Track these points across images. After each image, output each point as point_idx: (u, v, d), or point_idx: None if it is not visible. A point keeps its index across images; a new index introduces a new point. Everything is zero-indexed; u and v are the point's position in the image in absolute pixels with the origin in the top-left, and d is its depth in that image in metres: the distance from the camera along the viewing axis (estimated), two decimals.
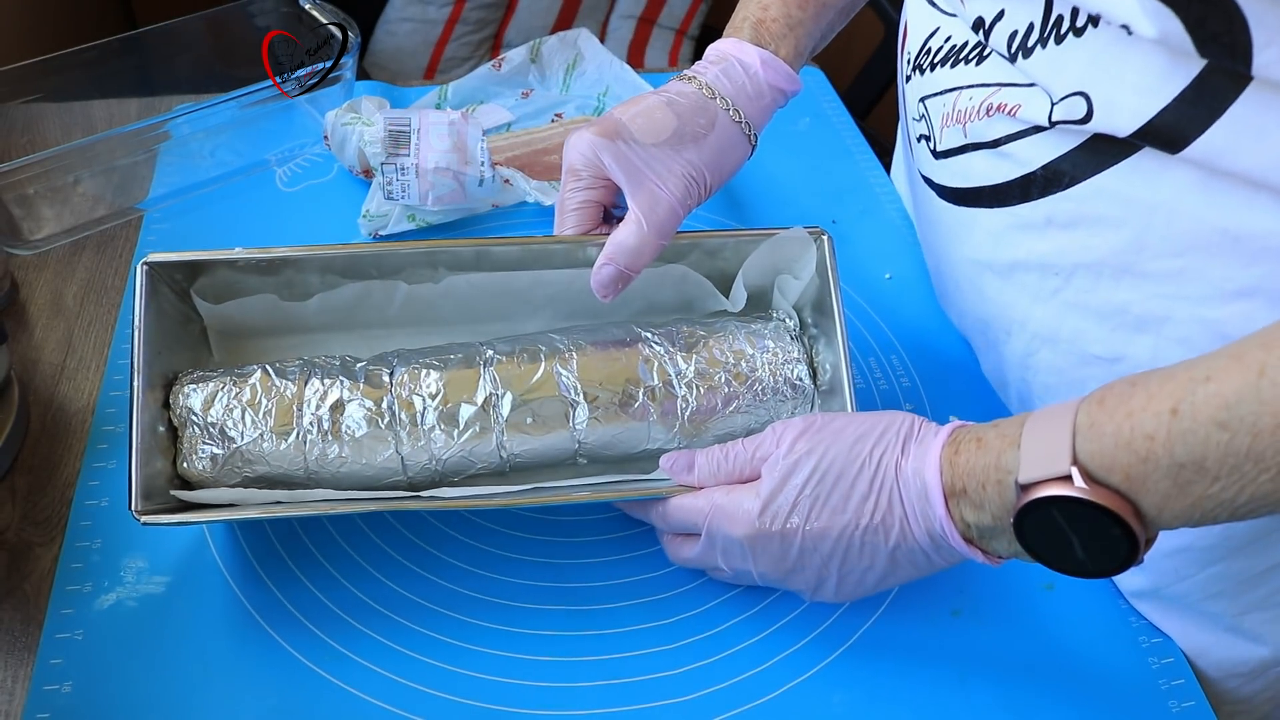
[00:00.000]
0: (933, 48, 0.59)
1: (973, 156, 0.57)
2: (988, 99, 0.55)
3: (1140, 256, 0.51)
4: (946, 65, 0.57)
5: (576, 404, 0.56)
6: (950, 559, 0.50)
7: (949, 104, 0.58)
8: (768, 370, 0.59)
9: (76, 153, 0.74)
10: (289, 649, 0.54)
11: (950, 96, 0.57)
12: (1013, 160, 0.54)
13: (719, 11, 1.73)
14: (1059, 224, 0.54)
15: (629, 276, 0.58)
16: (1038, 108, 0.52)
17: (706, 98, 0.60)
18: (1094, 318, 0.54)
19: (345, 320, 0.62)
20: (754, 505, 0.51)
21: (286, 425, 0.54)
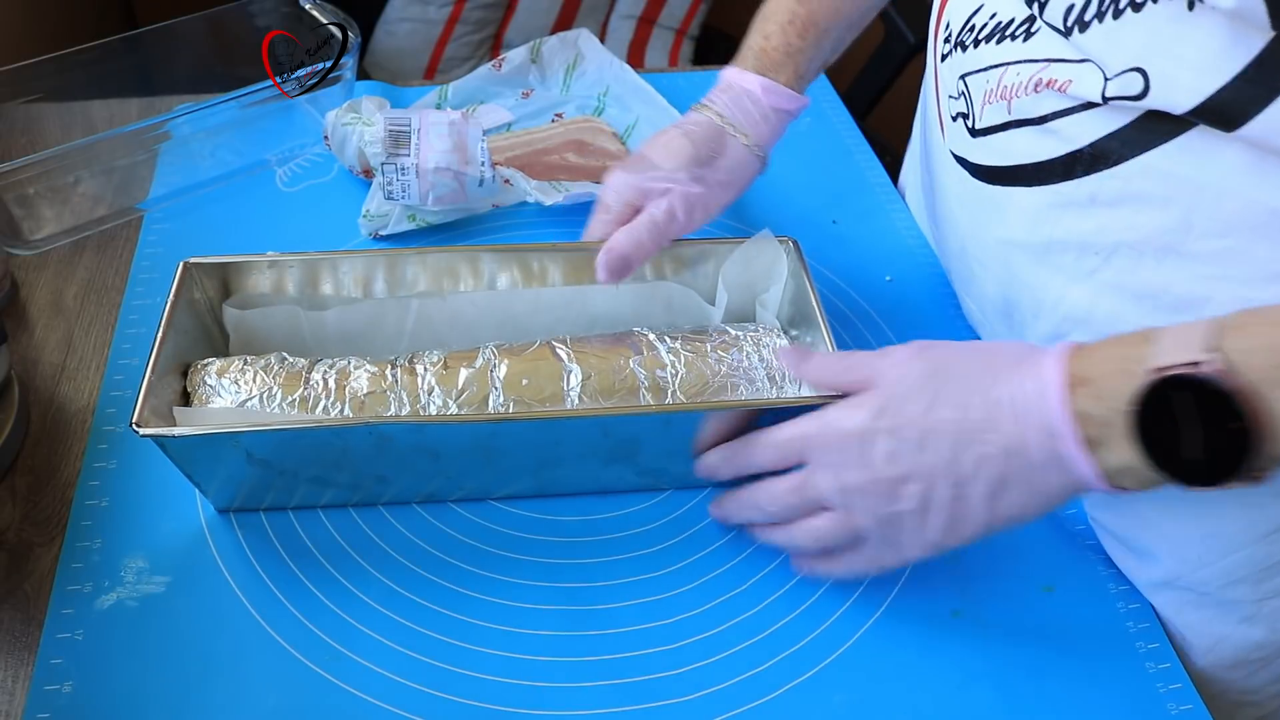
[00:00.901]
0: (977, 24, 0.59)
1: (1015, 134, 0.57)
2: (1036, 74, 0.54)
3: (1186, 236, 0.50)
4: (992, 41, 0.57)
5: (571, 370, 0.59)
6: (1061, 484, 0.47)
7: (993, 80, 0.57)
8: (752, 343, 0.62)
9: (77, 153, 0.74)
10: (289, 649, 0.54)
11: (995, 73, 0.57)
12: (1059, 137, 0.54)
13: (719, 11, 1.73)
14: (1103, 202, 0.53)
15: (625, 258, 0.61)
16: (1090, 84, 0.51)
17: (717, 124, 0.67)
18: (1131, 299, 0.54)
19: (359, 339, 0.64)
20: (870, 402, 0.50)
21: (295, 386, 0.57)
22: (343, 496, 0.60)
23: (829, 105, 0.98)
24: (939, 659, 0.56)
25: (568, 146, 0.89)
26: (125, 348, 0.69)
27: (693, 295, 0.67)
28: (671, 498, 0.63)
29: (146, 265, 0.76)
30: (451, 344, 0.62)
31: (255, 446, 0.54)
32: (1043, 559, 0.61)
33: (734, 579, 0.59)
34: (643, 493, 0.63)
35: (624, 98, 0.94)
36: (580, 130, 0.91)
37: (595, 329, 0.65)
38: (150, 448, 0.54)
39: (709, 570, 0.60)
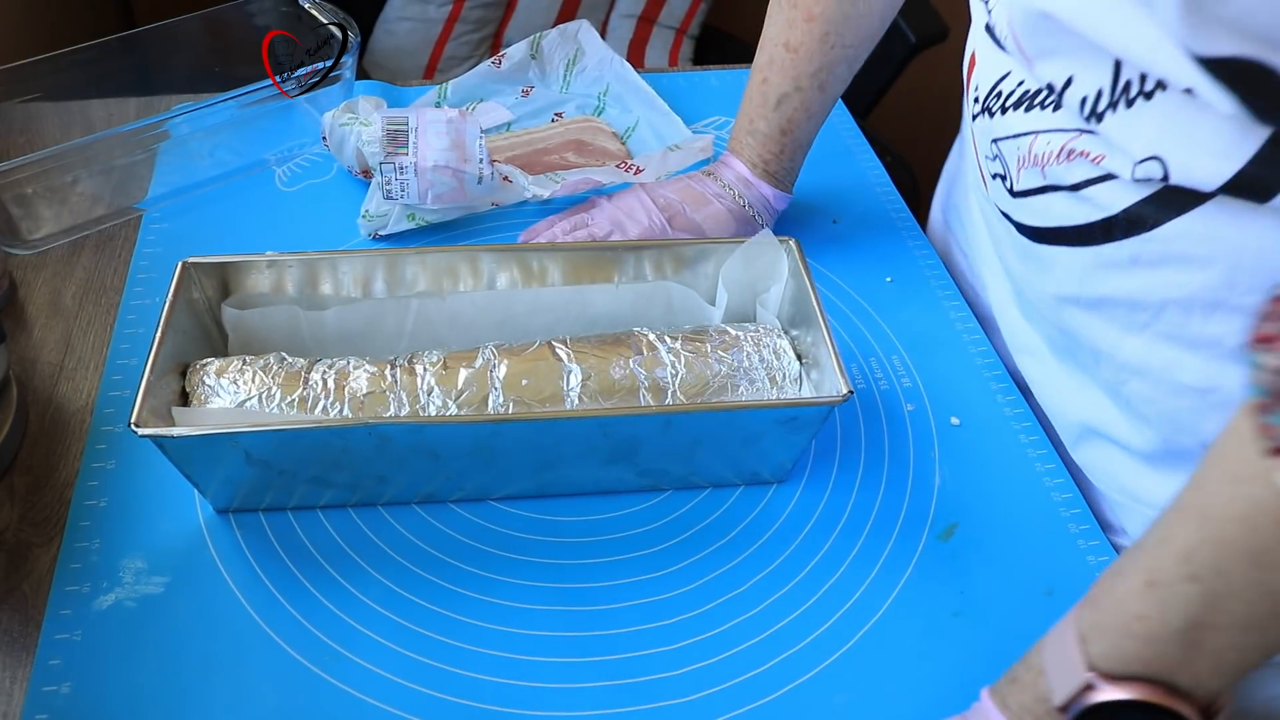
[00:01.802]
0: (1004, 91, 0.59)
1: (1052, 197, 0.57)
2: (1067, 144, 0.54)
3: (1231, 292, 0.50)
4: (1020, 110, 0.57)
5: (571, 370, 0.59)
6: None
7: (1024, 147, 0.58)
8: (752, 343, 0.62)
9: (75, 152, 0.74)
10: (288, 649, 0.54)
11: (1026, 140, 0.57)
12: (1093, 204, 0.54)
13: (719, 11, 1.72)
14: (1145, 263, 0.53)
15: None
16: (1119, 162, 0.52)
17: (720, 187, 0.77)
18: (1187, 349, 0.54)
19: (358, 339, 0.64)
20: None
21: (294, 386, 0.57)
22: (342, 497, 0.60)
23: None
24: (939, 661, 0.56)
25: (567, 146, 0.89)
26: (124, 348, 0.69)
27: (693, 295, 0.66)
28: (671, 498, 0.63)
29: (145, 265, 0.76)
30: (451, 344, 0.62)
31: (254, 447, 0.54)
32: (1043, 562, 0.61)
33: (734, 579, 0.59)
34: (642, 493, 0.63)
35: (624, 97, 0.94)
36: (580, 130, 0.91)
37: (595, 329, 0.65)
38: (149, 448, 0.54)
39: (709, 571, 0.59)
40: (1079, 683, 0.43)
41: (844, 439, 0.67)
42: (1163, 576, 0.40)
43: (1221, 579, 0.38)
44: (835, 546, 0.61)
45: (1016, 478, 0.66)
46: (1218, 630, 0.39)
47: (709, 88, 0.99)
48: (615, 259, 0.66)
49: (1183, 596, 0.39)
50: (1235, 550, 0.37)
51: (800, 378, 0.62)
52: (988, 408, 0.70)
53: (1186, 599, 0.39)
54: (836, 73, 0.73)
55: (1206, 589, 0.39)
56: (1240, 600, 0.38)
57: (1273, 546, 0.36)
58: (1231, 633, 0.39)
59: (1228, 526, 0.37)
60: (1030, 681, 0.46)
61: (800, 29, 0.71)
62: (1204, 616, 0.39)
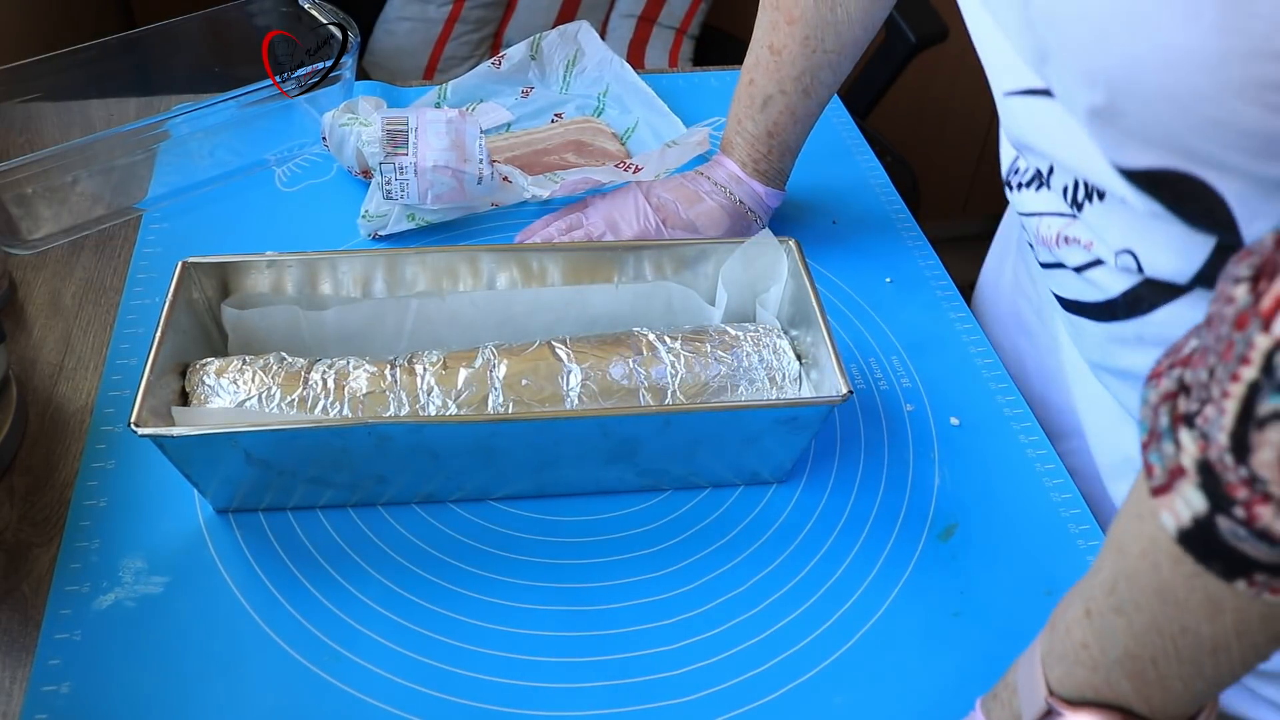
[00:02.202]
0: (1020, 167, 0.61)
1: (1065, 274, 0.59)
2: (1063, 229, 0.56)
3: None
4: (1030, 188, 0.60)
5: (570, 370, 0.59)
6: None
7: (1032, 227, 0.60)
8: (752, 343, 0.62)
9: (75, 152, 0.74)
10: (288, 649, 0.54)
11: (1034, 221, 0.60)
12: (1095, 286, 0.57)
13: (719, 11, 1.72)
14: (1149, 342, 0.55)
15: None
16: (1104, 250, 0.54)
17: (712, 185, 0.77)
18: None
19: (358, 339, 0.64)
20: None
21: (294, 386, 0.57)
22: (342, 497, 0.60)
23: (829, 105, 0.97)
24: (939, 661, 0.56)
25: (567, 147, 0.89)
26: (124, 347, 0.69)
27: (693, 295, 0.66)
28: (671, 498, 0.63)
29: (145, 265, 0.76)
30: (451, 344, 0.62)
31: (254, 447, 0.54)
32: (1042, 563, 0.61)
33: (734, 579, 0.59)
34: (642, 493, 0.63)
35: (624, 98, 0.94)
36: (580, 131, 0.91)
37: (595, 329, 0.65)
38: (149, 448, 0.54)
39: (709, 571, 0.59)
40: (1041, 708, 0.43)
41: (844, 439, 0.67)
42: (1095, 606, 0.40)
43: (1141, 613, 0.38)
44: (835, 546, 0.61)
45: (1016, 478, 0.66)
46: (1152, 662, 0.39)
47: (709, 88, 0.99)
48: (615, 259, 0.66)
49: (1113, 628, 0.39)
50: (1144, 585, 0.37)
51: (800, 378, 0.62)
52: (988, 408, 0.70)
53: (1115, 630, 0.39)
54: (820, 77, 0.73)
55: (1130, 621, 0.38)
56: (1162, 634, 0.38)
57: (1174, 584, 0.36)
58: (1166, 664, 0.38)
59: (1136, 562, 0.37)
60: (1007, 699, 0.46)
61: (783, 32, 0.72)
62: (1135, 648, 0.39)
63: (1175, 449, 0.33)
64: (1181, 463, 0.33)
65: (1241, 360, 0.29)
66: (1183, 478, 0.33)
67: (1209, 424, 0.31)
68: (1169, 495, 0.34)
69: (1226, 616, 0.35)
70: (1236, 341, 0.30)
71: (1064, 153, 0.52)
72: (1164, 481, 0.34)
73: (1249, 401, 0.29)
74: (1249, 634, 0.36)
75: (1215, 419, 0.31)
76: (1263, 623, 0.35)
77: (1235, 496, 0.31)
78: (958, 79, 1.87)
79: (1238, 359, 0.29)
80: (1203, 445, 0.32)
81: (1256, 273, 0.30)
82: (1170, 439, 0.33)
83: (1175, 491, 0.33)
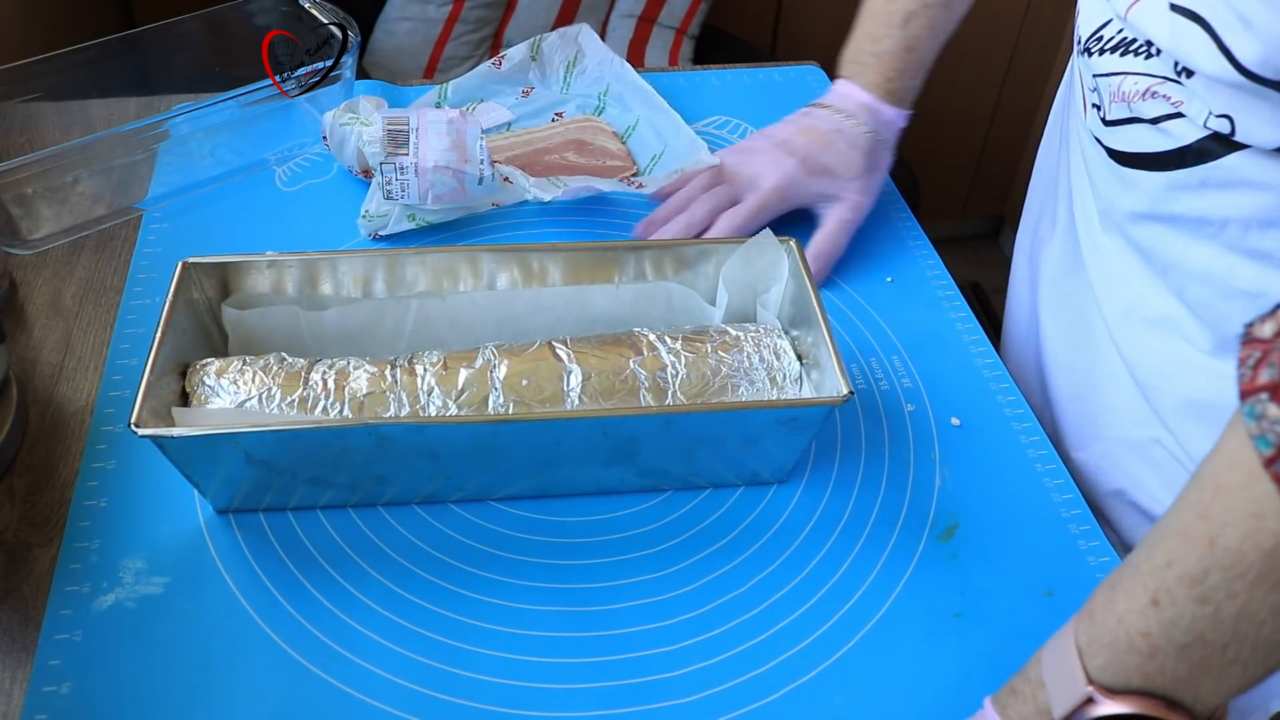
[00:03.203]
0: (1104, 35, 0.64)
1: (1136, 128, 0.62)
2: (1152, 86, 0.60)
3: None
4: (1116, 54, 0.62)
5: (571, 370, 0.59)
6: None
7: (1115, 85, 0.62)
8: (752, 344, 0.62)
9: (75, 152, 0.74)
10: (288, 649, 0.54)
11: (1117, 79, 0.62)
12: (1169, 135, 0.60)
13: (719, 11, 1.72)
14: (1212, 185, 0.59)
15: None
16: (1196, 110, 0.57)
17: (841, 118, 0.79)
18: (1246, 257, 0.59)
19: (358, 339, 0.64)
20: None
21: (294, 386, 0.57)
22: (342, 497, 0.60)
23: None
24: (939, 662, 0.56)
25: (568, 146, 0.89)
26: (124, 348, 0.69)
27: (693, 295, 0.66)
28: (672, 499, 0.63)
29: (145, 265, 0.76)
30: (451, 344, 0.62)
31: (254, 447, 0.54)
32: (1043, 563, 0.61)
33: (734, 580, 0.59)
34: (643, 493, 0.63)
35: (624, 97, 0.94)
36: (580, 130, 0.91)
37: (595, 329, 0.65)
38: (149, 448, 0.54)
39: (709, 571, 0.59)
40: (1079, 696, 0.43)
41: (844, 439, 0.67)
42: (1170, 599, 0.41)
43: (1234, 600, 0.39)
44: (835, 547, 0.61)
45: (1017, 478, 0.66)
46: (1224, 649, 0.40)
47: (709, 87, 0.99)
48: (615, 259, 0.66)
49: (1190, 617, 0.40)
50: (1253, 576, 0.38)
51: (801, 378, 0.62)
52: (988, 408, 0.70)
53: (1194, 619, 0.40)
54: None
55: (1218, 609, 0.40)
56: (1252, 620, 0.39)
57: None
58: (1238, 649, 0.40)
59: (1246, 555, 0.38)
60: (1030, 694, 0.47)
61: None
62: (1211, 635, 0.40)
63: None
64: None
65: None
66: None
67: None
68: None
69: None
70: None
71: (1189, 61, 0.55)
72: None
73: None
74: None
75: None
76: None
77: None
78: (958, 79, 1.87)
79: None
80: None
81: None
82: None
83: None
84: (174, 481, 0.59)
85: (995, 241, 2.18)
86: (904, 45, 0.76)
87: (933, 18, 0.75)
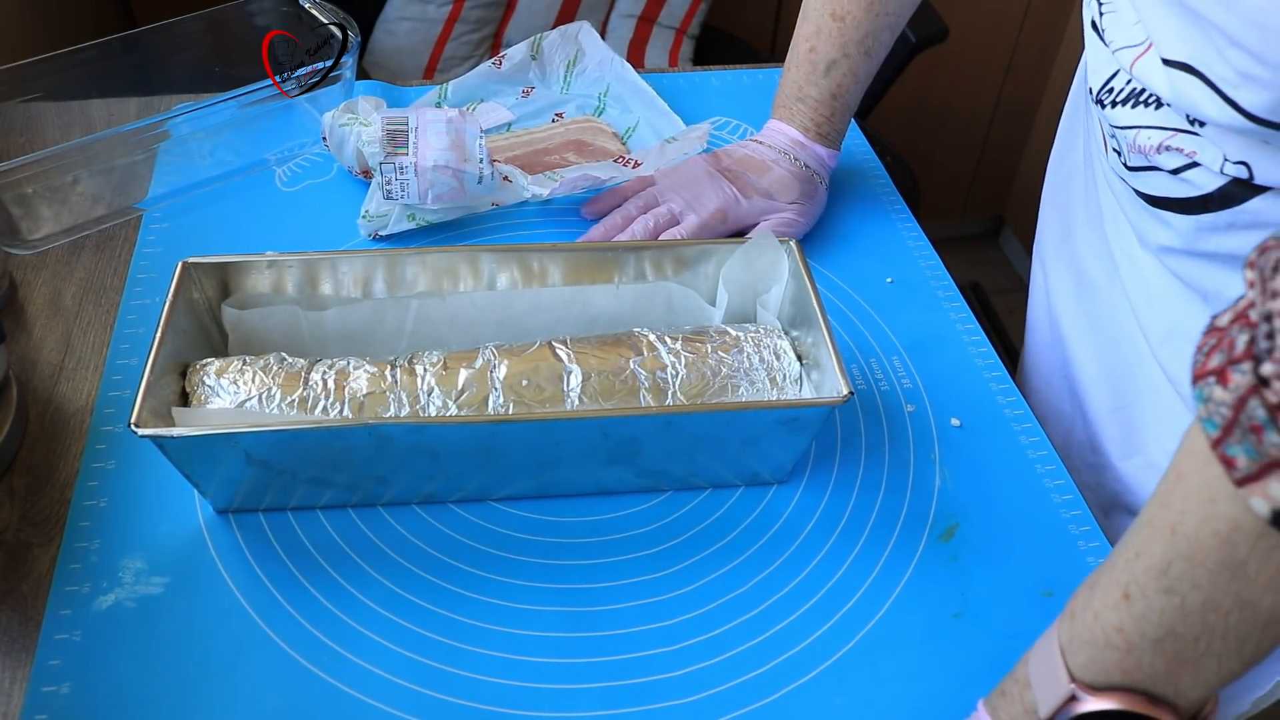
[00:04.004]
0: (1115, 87, 0.64)
1: (1158, 175, 0.62)
2: (1166, 140, 0.60)
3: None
4: (1127, 105, 0.62)
5: (571, 371, 0.59)
6: None
7: (1131, 138, 0.63)
8: (752, 344, 0.62)
9: (75, 152, 0.74)
10: (288, 650, 0.54)
11: (1132, 133, 0.62)
12: (1190, 184, 0.60)
13: (719, 11, 1.72)
14: (1240, 226, 0.59)
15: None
16: (1211, 158, 0.58)
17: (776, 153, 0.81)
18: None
19: (358, 339, 0.64)
20: None
21: (294, 387, 0.57)
22: (342, 497, 0.60)
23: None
24: (939, 662, 0.56)
25: (568, 146, 0.89)
26: (124, 348, 0.69)
27: (693, 295, 0.66)
28: (672, 499, 0.63)
29: (145, 265, 0.76)
30: (451, 344, 0.62)
31: (254, 447, 0.54)
32: (1043, 564, 0.61)
33: (734, 580, 0.59)
34: (643, 494, 0.63)
35: (624, 98, 0.94)
36: (580, 130, 0.91)
37: (595, 329, 0.65)
38: (149, 448, 0.54)
39: (709, 571, 0.59)
40: (1063, 695, 0.44)
41: (844, 440, 0.67)
42: (1139, 591, 0.41)
43: (1198, 591, 0.39)
44: (835, 547, 0.61)
45: (1017, 479, 0.66)
46: (1196, 640, 0.40)
47: (709, 88, 0.99)
48: (615, 259, 0.66)
49: (1160, 610, 0.41)
50: (1210, 564, 0.38)
51: (801, 378, 0.62)
52: (988, 409, 0.70)
53: (1163, 611, 0.41)
54: (880, 39, 0.78)
55: (1183, 600, 0.40)
56: (1218, 610, 0.39)
57: (1249, 560, 0.37)
58: (1209, 641, 0.40)
59: (1204, 542, 0.38)
60: (1018, 695, 0.47)
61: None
62: (1181, 627, 0.40)
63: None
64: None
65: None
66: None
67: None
68: (1263, 482, 0.35)
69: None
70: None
71: (1192, 109, 0.56)
72: (1255, 470, 0.35)
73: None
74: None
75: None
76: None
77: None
78: (958, 79, 1.87)
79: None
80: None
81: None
82: (1274, 429, 0.34)
83: (1273, 477, 0.35)
84: (174, 481, 0.59)
85: (995, 241, 2.18)
86: (829, 94, 0.79)
87: (853, 66, 0.78)
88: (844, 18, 0.76)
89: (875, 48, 0.78)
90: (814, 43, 0.78)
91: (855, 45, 0.77)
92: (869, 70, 0.79)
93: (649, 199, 0.78)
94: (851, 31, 0.77)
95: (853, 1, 0.76)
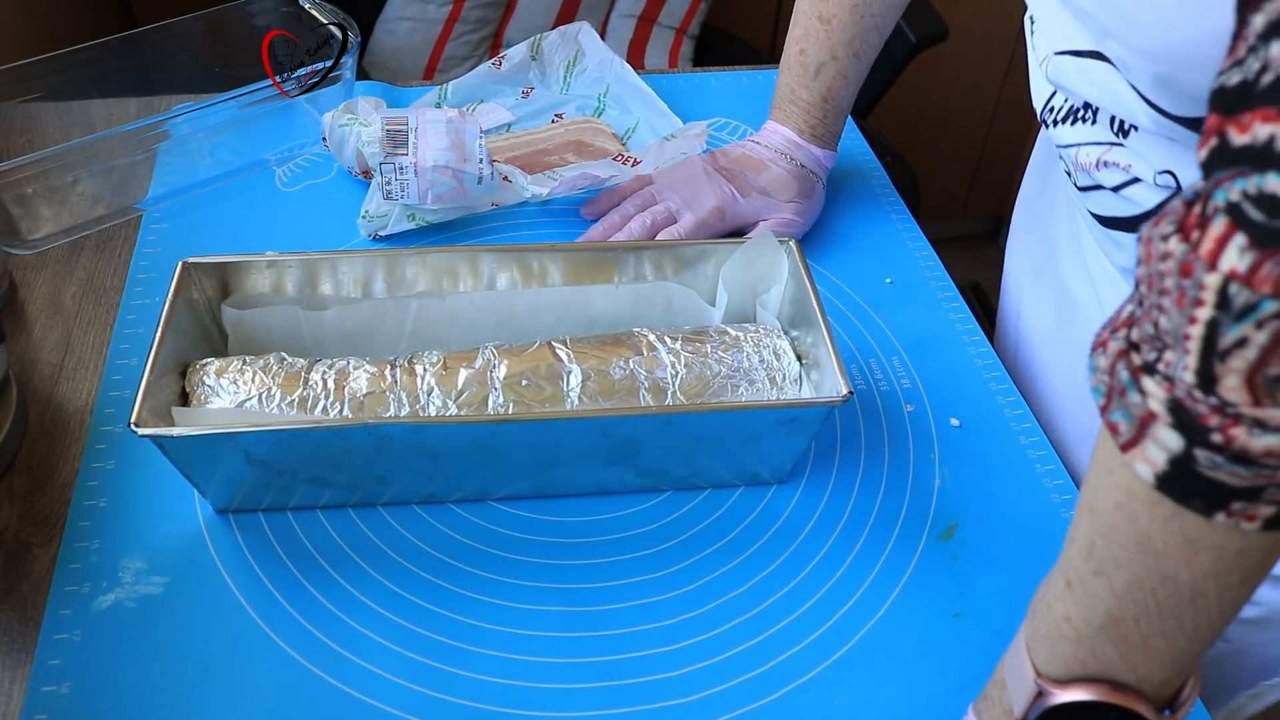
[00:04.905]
0: (1055, 106, 0.65)
1: (1103, 194, 0.62)
2: (1102, 155, 0.60)
3: None
4: (1067, 123, 0.63)
5: (571, 371, 0.59)
6: None
7: (1074, 156, 0.63)
8: (752, 344, 0.62)
9: (75, 152, 0.74)
10: (288, 650, 0.54)
11: (1072, 151, 0.63)
12: (1131, 202, 0.60)
13: (719, 11, 1.72)
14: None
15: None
16: (1144, 170, 0.58)
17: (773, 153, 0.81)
18: None
19: (358, 339, 0.64)
20: None
21: (294, 386, 0.57)
22: (342, 497, 0.60)
23: None
24: (939, 661, 0.56)
25: (567, 147, 0.89)
26: (124, 348, 0.69)
27: (693, 295, 0.66)
28: (671, 499, 0.63)
29: (145, 265, 0.76)
30: (451, 344, 0.62)
31: (254, 447, 0.54)
32: (1043, 564, 0.61)
33: (734, 580, 0.59)
34: (642, 494, 0.63)
35: (624, 99, 0.94)
36: (580, 131, 0.91)
37: (595, 329, 0.65)
38: (149, 448, 0.54)
39: (709, 571, 0.59)
40: (1031, 691, 0.44)
41: (844, 440, 0.67)
42: (1075, 575, 0.41)
43: (1121, 569, 0.39)
44: (835, 547, 0.61)
45: (1016, 478, 0.66)
46: (1135, 621, 0.40)
47: (709, 89, 0.99)
48: (615, 259, 0.66)
49: (1094, 592, 0.40)
50: (1122, 540, 0.38)
51: (800, 378, 0.62)
52: (988, 408, 0.70)
53: (1097, 595, 0.40)
54: (869, 40, 0.78)
55: (1110, 581, 0.40)
56: (1143, 588, 0.39)
57: (1152, 531, 0.37)
58: (1148, 621, 0.40)
59: (1111, 518, 0.38)
60: (997, 696, 0.47)
61: (831, 1, 0.76)
62: (1117, 610, 0.40)
63: (1142, 397, 0.35)
64: (1150, 408, 0.35)
65: (1195, 303, 0.32)
66: (1154, 423, 0.35)
67: (1171, 367, 0.34)
68: (1141, 445, 0.35)
69: (1204, 556, 0.37)
70: (1186, 288, 0.32)
71: (1112, 103, 0.55)
72: (1133, 434, 0.36)
73: (1210, 337, 0.32)
74: (1224, 574, 0.37)
75: (1178, 360, 0.33)
76: (1238, 559, 0.37)
77: (1209, 425, 0.33)
78: (958, 79, 1.87)
79: (1191, 302, 0.32)
80: (1169, 387, 0.34)
81: (1179, 228, 0.33)
82: (1135, 389, 0.35)
83: (1148, 438, 0.35)
84: (174, 481, 0.59)
85: (995, 241, 2.18)
86: (820, 96, 0.80)
87: (842, 69, 0.79)
88: (830, 20, 0.77)
89: (864, 50, 0.79)
90: (803, 45, 0.79)
91: (843, 48, 0.78)
92: (859, 72, 0.80)
93: (647, 197, 0.78)
94: (838, 34, 0.77)
95: (838, 5, 0.77)
